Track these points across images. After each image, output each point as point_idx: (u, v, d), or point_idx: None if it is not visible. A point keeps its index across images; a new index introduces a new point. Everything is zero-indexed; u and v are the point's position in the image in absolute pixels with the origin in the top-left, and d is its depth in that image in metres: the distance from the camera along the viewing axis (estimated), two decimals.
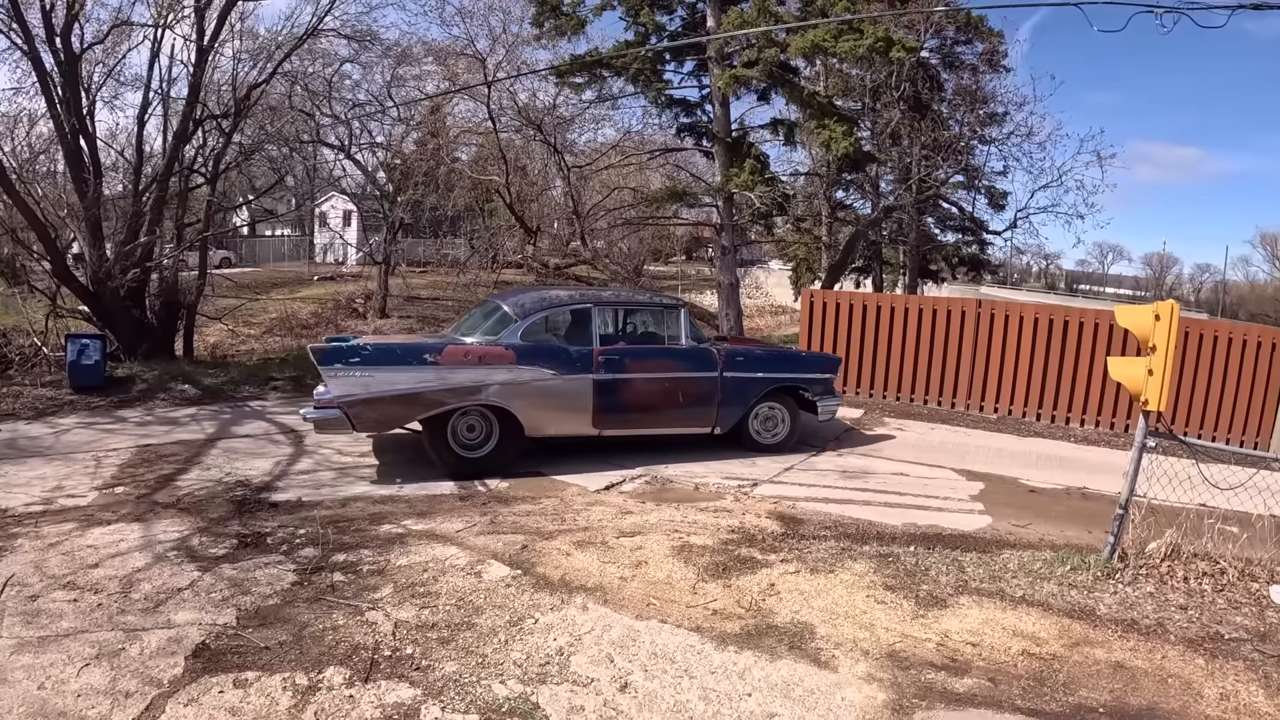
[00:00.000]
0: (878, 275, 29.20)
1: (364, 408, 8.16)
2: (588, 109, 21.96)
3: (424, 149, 25.70)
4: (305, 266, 39.84)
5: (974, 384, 13.28)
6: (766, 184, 17.64)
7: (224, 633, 4.67)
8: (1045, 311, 13.24)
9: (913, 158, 23.37)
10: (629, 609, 5.14)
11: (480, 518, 6.98)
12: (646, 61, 18.29)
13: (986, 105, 25.88)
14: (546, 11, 18.48)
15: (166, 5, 14.84)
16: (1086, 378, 12.54)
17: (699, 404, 9.47)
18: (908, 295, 23.22)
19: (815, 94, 19.75)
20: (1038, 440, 11.74)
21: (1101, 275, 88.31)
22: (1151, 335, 5.84)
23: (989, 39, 25.29)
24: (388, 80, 23.07)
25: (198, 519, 6.77)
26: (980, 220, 28.18)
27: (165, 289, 15.74)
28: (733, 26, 16.67)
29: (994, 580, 5.77)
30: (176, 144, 15.12)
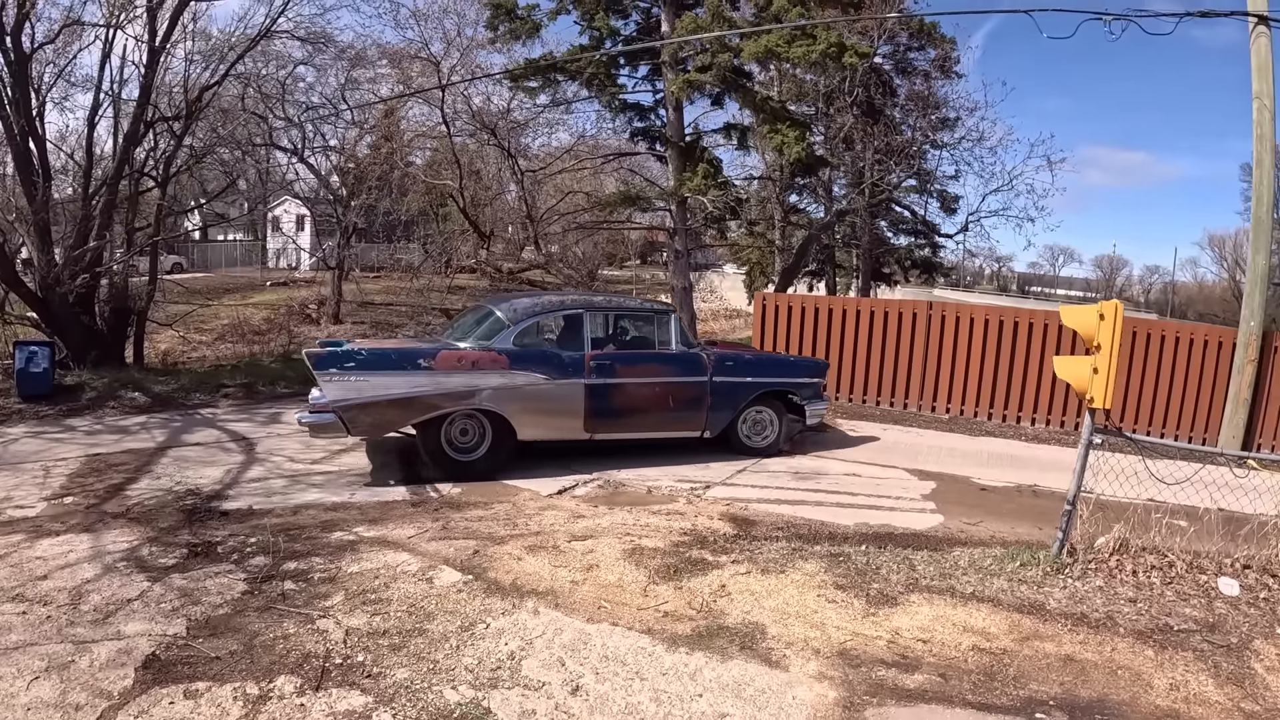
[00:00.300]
0: (831, 278, 29.40)
1: (359, 412, 8.20)
2: (542, 113, 21.98)
3: (378, 153, 25.48)
4: (258, 272, 39.41)
5: (926, 385, 13.38)
6: (719, 188, 17.70)
7: (174, 643, 4.58)
8: (995, 313, 13.38)
9: (866, 162, 23.60)
10: (580, 612, 5.10)
11: (432, 524, 6.91)
12: (601, 66, 18.27)
13: (939, 110, 26.22)
14: (501, 15, 18.40)
15: (118, 5, 14.58)
16: (1037, 377, 12.69)
17: (689, 408, 9.53)
18: (860, 298, 23.41)
19: (768, 99, 19.84)
20: (989, 439, 11.86)
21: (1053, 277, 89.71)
22: (1096, 334, 5.90)
23: (941, 45, 25.63)
24: (342, 83, 22.82)
25: (147, 529, 6.63)
26: (932, 223, 28.56)
27: (115, 295, 15.40)
28: (686, 31, 16.70)
29: (944, 578, 5.79)
30: (127, 146, 14.83)
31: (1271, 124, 11.27)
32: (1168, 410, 12.48)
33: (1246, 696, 4.45)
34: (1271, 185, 11.63)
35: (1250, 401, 11.75)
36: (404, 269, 27.85)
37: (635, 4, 19.26)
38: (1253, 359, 11.63)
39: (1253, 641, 5.10)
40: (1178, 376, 12.41)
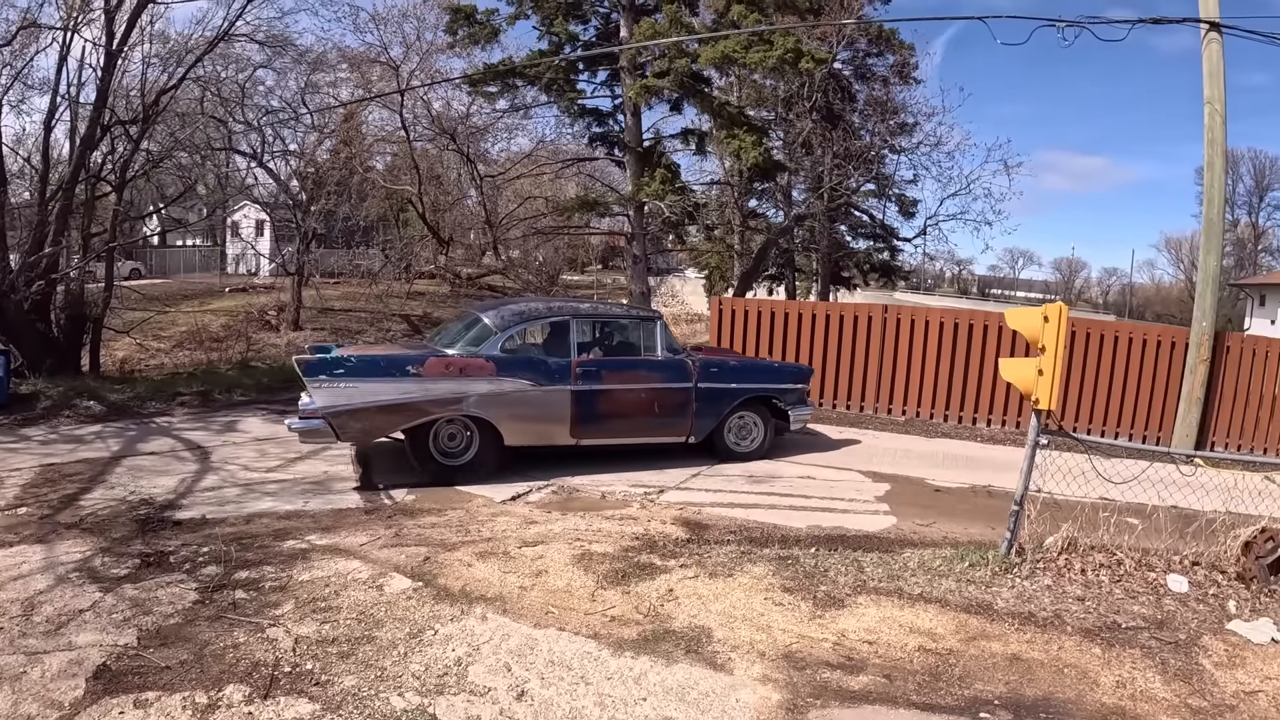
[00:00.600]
0: (790, 282, 29.51)
1: (348, 418, 8.29)
2: (501, 118, 21.98)
3: (337, 157, 25.25)
4: (217, 278, 38.91)
5: (883, 387, 13.43)
6: (677, 193, 17.77)
7: (125, 653, 4.54)
8: (951, 315, 13.47)
9: (825, 166, 23.74)
10: (528, 618, 5.07)
11: (385, 531, 6.85)
12: (560, 71, 18.31)
13: (897, 115, 26.37)
14: (460, 20, 18.42)
15: (76, 7, 14.41)
16: (992, 379, 12.77)
17: (674, 414, 9.61)
18: (816, 302, 23.52)
19: (726, 104, 19.92)
20: (945, 440, 11.93)
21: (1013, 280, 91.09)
22: (1041, 337, 5.94)
23: (900, 51, 25.83)
24: (302, 87, 22.53)
25: (101, 539, 6.55)
26: (891, 227, 28.75)
27: (71, 302, 15.15)
28: (645, 37, 16.76)
29: (892, 579, 5.80)
30: (83, 150, 14.58)
31: (1223, 128, 11.45)
32: (1122, 410, 12.62)
33: (1194, 693, 4.47)
34: (1223, 188, 11.81)
35: (1203, 400, 11.93)
36: (364, 275, 27.59)
37: (595, 9, 19.33)
38: (1205, 358, 11.80)
39: (1201, 638, 5.14)
40: (1132, 376, 12.56)
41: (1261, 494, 6.82)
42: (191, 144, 19.30)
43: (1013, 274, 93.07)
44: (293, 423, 8.49)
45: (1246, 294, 46.73)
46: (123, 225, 17.93)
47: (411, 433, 8.62)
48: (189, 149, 19.56)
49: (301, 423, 8.36)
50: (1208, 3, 11.29)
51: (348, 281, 29.81)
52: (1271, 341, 13.09)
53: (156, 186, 23.23)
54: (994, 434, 12.52)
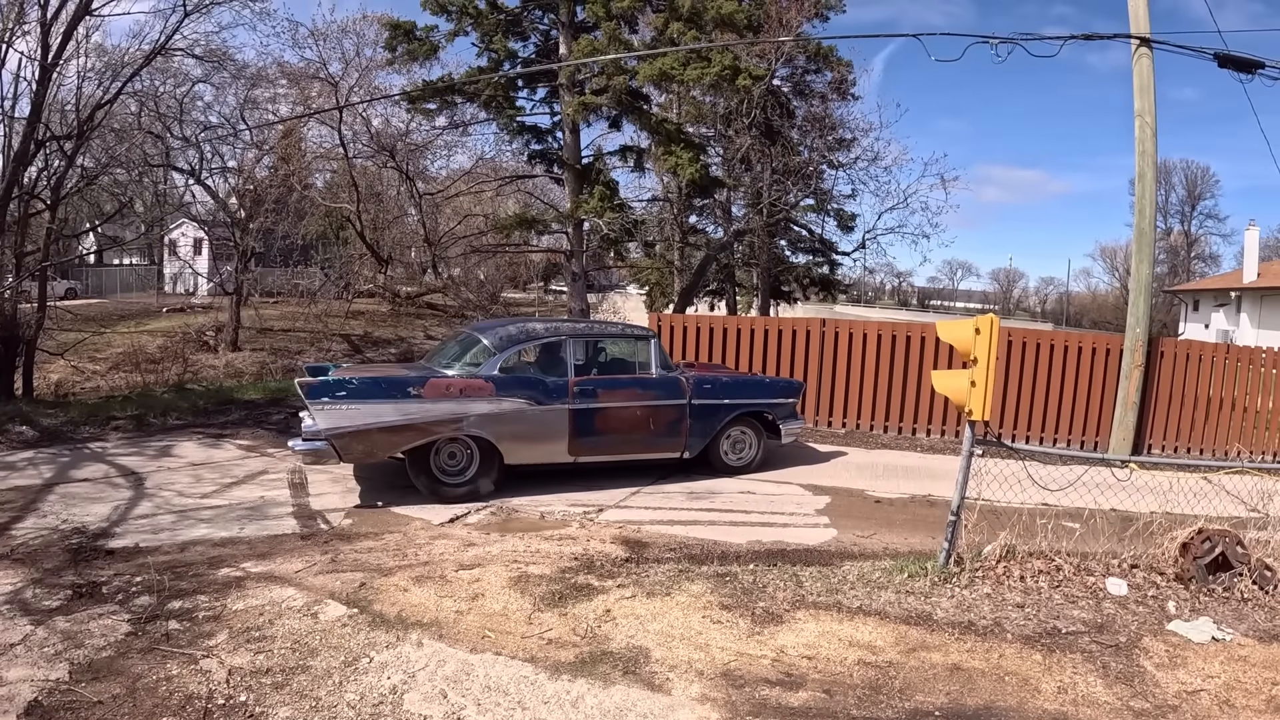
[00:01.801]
0: (731, 297, 29.66)
1: (351, 440, 8.33)
2: (440, 135, 21.89)
3: (276, 175, 24.95)
4: (154, 297, 38.21)
5: (821, 400, 13.49)
6: (615, 210, 17.78)
7: (56, 688, 4.42)
8: (888, 328, 13.59)
9: (764, 182, 23.88)
10: (464, 643, 5.00)
11: (321, 556, 6.71)
12: (499, 88, 18.25)
13: (835, 131, 26.69)
14: (399, 36, 18.32)
15: (11, 18, 14.09)
16: (930, 390, 12.87)
17: (669, 430, 9.73)
18: (755, 317, 23.62)
19: (664, 121, 20.00)
20: (884, 451, 11.98)
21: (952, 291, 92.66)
22: (973, 348, 5.97)
23: (838, 68, 26.12)
24: (241, 102, 22.28)
25: (32, 570, 6.36)
26: (830, 242, 29.03)
27: (3, 323, 14.71)
28: (584, 54, 16.79)
29: (831, 593, 5.78)
30: (17, 166, 14.23)
31: (1153, 140, 11.72)
32: (1059, 417, 12.83)
33: (1136, 695, 4.51)
34: (1154, 198, 12.07)
35: (1139, 404, 12.17)
36: (303, 294, 27.26)
37: (534, 26, 19.33)
38: (1139, 364, 12.04)
39: (1141, 639, 5.20)
40: (1068, 384, 12.78)
41: (1198, 495, 6.95)
42: (128, 160, 19.01)
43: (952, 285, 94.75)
44: (296, 444, 8.57)
45: (1180, 300, 48.02)
46: (57, 243, 17.60)
47: (412, 453, 8.67)
48: (126, 165, 19.26)
49: (305, 444, 8.45)
50: (1139, 19, 11.56)
51: (287, 301, 29.43)
52: (1204, 345, 13.48)
53: (92, 204, 22.83)
54: (933, 444, 12.63)
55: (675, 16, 17.20)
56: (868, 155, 25.78)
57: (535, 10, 18.98)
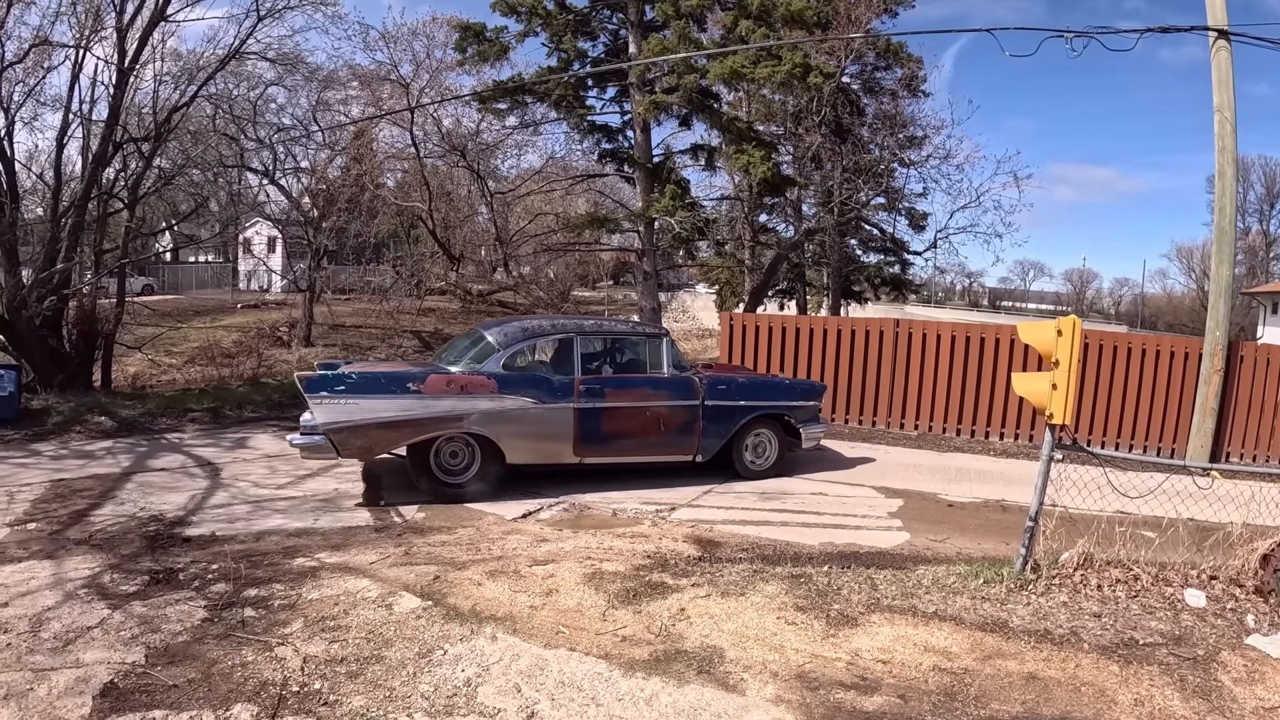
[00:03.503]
0: (801, 297, 29.45)
1: (349, 435, 8.32)
2: (511, 135, 22.07)
3: (349, 175, 25.40)
4: (228, 294, 39.16)
5: (894, 402, 13.40)
6: (687, 209, 17.77)
7: (132, 671, 4.51)
8: (962, 329, 13.43)
9: (834, 180, 23.73)
10: (538, 638, 5.02)
11: (395, 549, 6.81)
12: (569, 87, 18.35)
13: (906, 129, 26.38)
14: (469, 37, 18.49)
15: (88, 25, 14.58)
16: (1004, 392, 12.72)
17: (680, 432, 9.54)
18: (827, 316, 23.46)
19: (735, 119, 19.94)
20: (957, 455, 11.85)
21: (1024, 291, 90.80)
22: (1054, 350, 5.89)
23: (908, 65, 25.78)
24: (313, 104, 22.75)
25: (110, 555, 6.55)
26: (901, 241, 28.68)
27: (83, 318, 15.24)
28: (654, 53, 16.79)
29: (906, 597, 5.73)
30: (95, 167, 14.70)
31: (1233, 136, 11.41)
32: (1136, 422, 12.56)
33: (1213, 710, 4.40)
34: (1234, 197, 11.76)
35: (1218, 411, 11.86)
36: (375, 291, 27.73)
37: (603, 26, 19.38)
38: (1219, 369, 11.74)
39: (1219, 653, 5.06)
40: (1145, 388, 12.50)
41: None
42: (204, 161, 19.48)
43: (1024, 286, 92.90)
44: (294, 438, 8.53)
45: (1259, 302, 46.42)
46: (135, 242, 18.06)
47: (413, 449, 8.63)
48: (201, 166, 19.75)
49: (303, 438, 8.41)
50: (1216, 10, 11.27)
51: (359, 298, 29.93)
52: None
53: (169, 203, 23.43)
54: (1006, 448, 12.44)
55: (745, 14, 17.14)
56: (939, 153, 25.44)
57: (604, 10, 19.04)
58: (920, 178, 27.00)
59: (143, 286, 34.00)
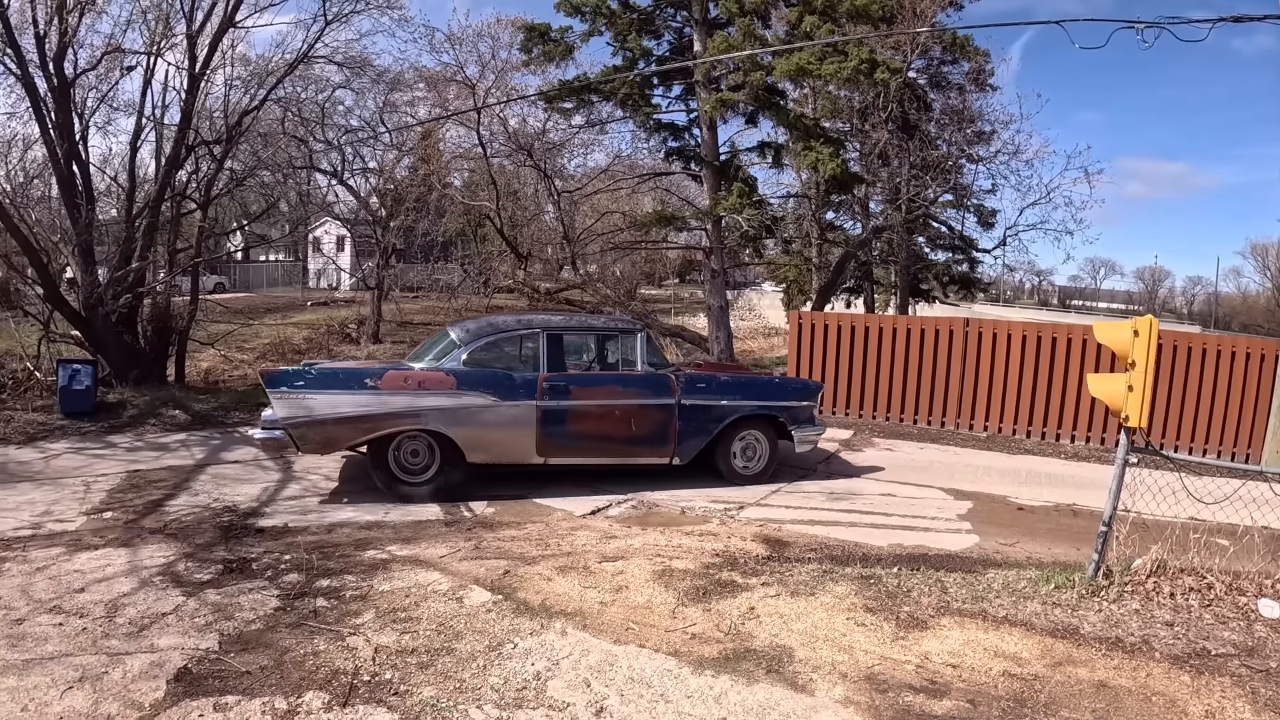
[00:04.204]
0: (869, 295, 29.15)
1: (307, 429, 8.33)
2: (577, 134, 22.13)
3: (416, 175, 25.80)
4: (298, 292, 40.03)
5: (963, 403, 13.27)
6: (755, 207, 17.74)
7: (206, 657, 4.65)
8: (1033, 329, 13.24)
9: (901, 177, 23.46)
10: (608, 633, 5.10)
11: (465, 543, 6.96)
12: (634, 86, 18.41)
13: (974, 124, 25.91)
14: (534, 38, 18.65)
15: (159, 33, 15.00)
16: (1075, 394, 12.53)
17: (654, 432, 9.19)
18: (896, 315, 23.20)
19: (802, 116, 19.86)
20: (1027, 457, 11.70)
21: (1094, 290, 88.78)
22: (1130, 351, 5.83)
23: (975, 58, 25.35)
24: (380, 106, 23.18)
25: (184, 544, 6.76)
26: (970, 238, 28.18)
27: (157, 314, 15.70)
28: (719, 50, 16.80)
29: (977, 600, 5.72)
30: (169, 170, 15.16)
31: None
32: (1210, 426, 12.27)
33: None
34: None
35: None
36: (442, 289, 28.11)
37: (667, 24, 19.42)
38: None
39: None
40: (1219, 391, 12.21)
41: None
42: (273, 162, 19.89)
43: (1094, 284, 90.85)
44: (256, 432, 8.63)
45: None
46: (208, 241, 18.55)
47: (372, 447, 8.59)
48: (271, 167, 20.16)
49: (264, 433, 8.48)
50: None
51: (427, 295, 30.37)
52: None
53: (240, 203, 24.01)
54: (1077, 450, 12.24)
55: (809, 10, 17.07)
56: (1008, 149, 24.88)
57: (667, 8, 19.06)
58: (989, 174, 26.52)
59: (214, 284, 34.87)
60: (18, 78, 13.57)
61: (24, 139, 15.87)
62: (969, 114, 25.80)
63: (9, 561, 6.20)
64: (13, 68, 13.51)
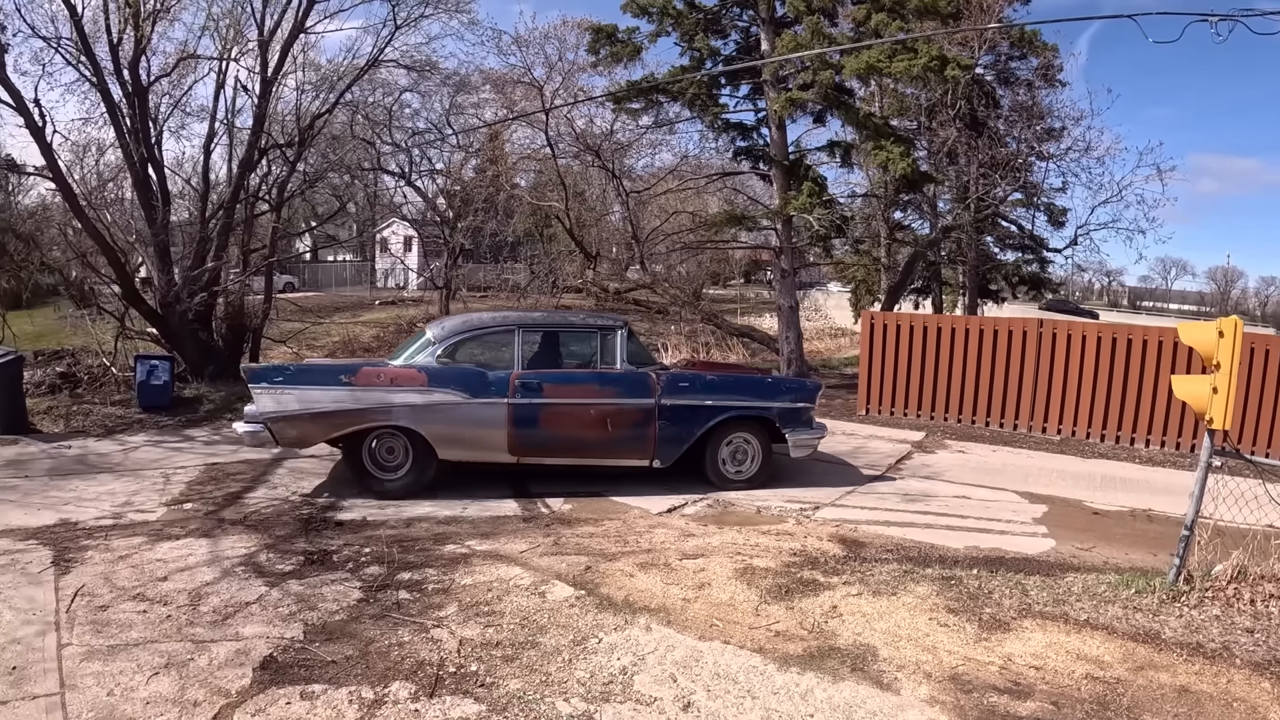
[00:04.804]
0: (937, 296, 28.82)
1: (284, 424, 8.49)
2: (645, 134, 22.16)
3: (483, 175, 26.13)
4: (367, 291, 40.66)
5: (1036, 405, 13.16)
6: (825, 206, 17.68)
7: (291, 646, 4.81)
8: (1107, 330, 13.08)
9: (970, 176, 23.21)
10: (692, 630, 5.18)
11: (543, 539, 7.10)
12: (702, 86, 18.44)
13: (1043, 121, 25.43)
14: (601, 39, 18.76)
15: (230, 39, 15.44)
16: (1150, 397, 12.36)
17: (631, 433, 8.91)
18: (968, 316, 22.94)
19: (871, 115, 19.75)
20: (1101, 461, 11.56)
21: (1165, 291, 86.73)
22: (1215, 352, 5.82)
23: (1044, 53, 24.88)
24: (446, 108, 23.54)
25: (264, 536, 6.99)
26: (1040, 238, 27.66)
27: (231, 313, 16.17)
28: (787, 50, 16.78)
29: (1058, 603, 5.74)
30: (242, 172, 15.62)
31: None
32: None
33: None
34: None
35: None
36: (510, 289, 28.46)
37: (734, 24, 19.40)
38: None
39: None
40: None
41: None
42: (342, 165, 20.33)
43: (1165, 285, 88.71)
44: (239, 426, 8.75)
45: None
46: (281, 242, 19.05)
47: (347, 443, 8.69)
48: (340, 170, 20.61)
49: (245, 427, 8.61)
50: None
51: (495, 295, 30.71)
52: None
53: (310, 204, 24.56)
54: (1152, 455, 12.06)
55: (877, 8, 16.95)
56: (1079, 145, 24.35)
57: (734, 7, 19.03)
58: (1059, 171, 25.96)
59: (284, 284, 35.58)
60: (93, 84, 14.10)
61: (99, 143, 16.40)
62: (1038, 110, 25.35)
63: (92, 550, 6.46)
64: (88, 75, 14.04)
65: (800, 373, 18.42)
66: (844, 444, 11.80)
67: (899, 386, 14.14)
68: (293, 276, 41.22)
